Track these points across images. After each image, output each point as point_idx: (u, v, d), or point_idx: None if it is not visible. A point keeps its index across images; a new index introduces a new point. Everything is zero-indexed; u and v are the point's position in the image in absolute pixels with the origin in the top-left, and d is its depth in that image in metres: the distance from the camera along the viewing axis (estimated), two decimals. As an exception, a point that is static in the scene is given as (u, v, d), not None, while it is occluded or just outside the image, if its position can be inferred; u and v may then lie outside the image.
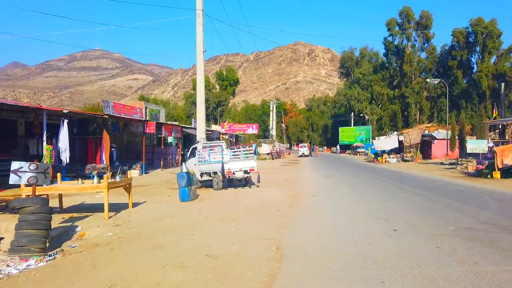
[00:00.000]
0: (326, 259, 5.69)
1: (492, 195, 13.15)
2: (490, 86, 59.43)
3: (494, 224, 8.00)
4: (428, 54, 70.00)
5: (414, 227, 7.89)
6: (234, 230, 8.01)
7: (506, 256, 5.55)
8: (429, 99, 70.49)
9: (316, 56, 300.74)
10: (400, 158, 40.44)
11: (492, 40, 60.75)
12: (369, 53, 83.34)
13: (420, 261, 5.36)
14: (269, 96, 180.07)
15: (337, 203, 11.79)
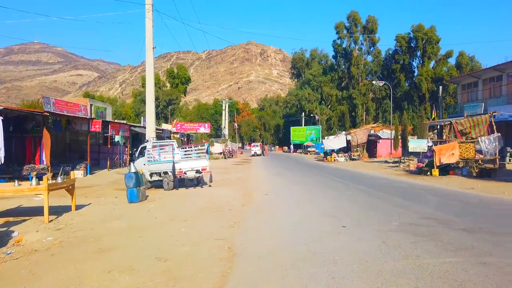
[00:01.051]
0: (278, 257, 5.70)
1: (431, 192, 14.00)
2: (429, 89, 63.51)
3: (434, 219, 8.49)
4: (374, 58, 73.44)
5: (361, 223, 8.16)
6: (185, 231, 7.81)
7: (446, 249, 5.89)
8: (375, 100, 73.95)
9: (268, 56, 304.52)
10: (348, 157, 41.98)
11: (431, 46, 64.94)
12: (319, 55, 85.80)
13: (368, 256, 5.53)
14: (221, 95, 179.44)
15: (289, 202, 11.93)
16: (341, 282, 4.46)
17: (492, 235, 6.88)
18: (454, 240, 6.46)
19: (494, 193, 13.25)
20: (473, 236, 6.82)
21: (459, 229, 7.38)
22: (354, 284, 4.40)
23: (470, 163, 20.99)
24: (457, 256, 5.44)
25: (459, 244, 6.17)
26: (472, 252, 5.68)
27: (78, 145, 26.74)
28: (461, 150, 20.80)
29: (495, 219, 8.64)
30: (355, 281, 4.48)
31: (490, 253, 5.59)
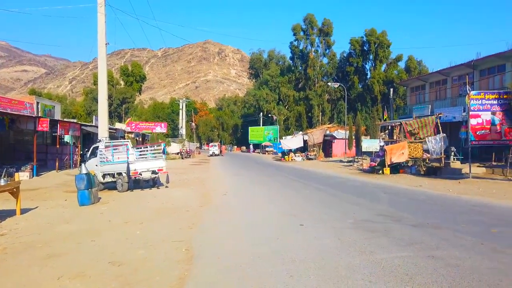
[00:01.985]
0: (237, 257, 5.67)
1: (384, 189, 14.60)
2: (381, 91, 66.30)
3: (386, 216, 8.84)
4: (329, 60, 75.51)
5: (319, 221, 8.33)
6: (140, 233, 7.56)
7: (397, 244, 6.14)
8: (330, 101, 76.05)
9: (226, 56, 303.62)
10: (305, 156, 42.82)
11: (383, 50, 67.87)
12: (277, 56, 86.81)
13: (325, 253, 5.64)
14: (178, 94, 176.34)
15: (247, 201, 11.94)
16: (299, 280, 4.51)
17: (439, 230, 7.28)
18: (405, 236, 6.76)
19: (440, 190, 14.06)
20: (422, 231, 7.18)
21: (409, 225, 7.74)
22: (311, 281, 4.46)
23: (418, 162, 22.14)
24: (408, 251, 5.70)
25: (409, 239, 6.47)
26: (421, 246, 5.97)
27: (24, 146, 25.12)
28: (410, 149, 21.88)
29: (441, 214, 9.16)
30: (312, 278, 4.55)
31: (438, 247, 5.90)
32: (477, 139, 17.60)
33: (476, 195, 12.44)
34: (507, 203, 10.65)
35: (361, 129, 38.50)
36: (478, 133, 17.53)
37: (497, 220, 8.10)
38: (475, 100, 17.49)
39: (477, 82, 29.27)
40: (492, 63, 28.04)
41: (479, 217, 8.57)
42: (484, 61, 28.32)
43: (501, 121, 17.39)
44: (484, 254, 5.46)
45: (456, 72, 31.90)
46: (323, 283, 4.39)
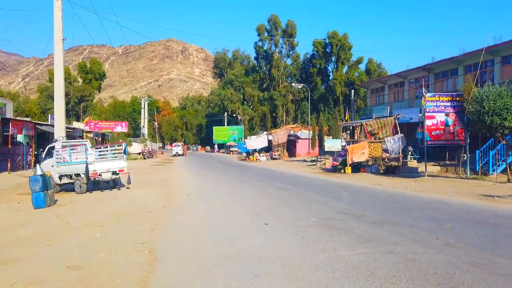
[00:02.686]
0: (202, 257, 5.60)
1: (345, 188, 14.99)
2: (343, 92, 68.08)
3: (348, 214, 9.08)
4: (293, 61, 76.55)
5: (282, 220, 8.41)
6: (101, 236, 7.30)
7: (358, 241, 6.32)
8: (294, 102, 77.12)
9: (190, 54, 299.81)
10: (269, 156, 43.15)
11: (344, 52, 69.71)
12: (241, 56, 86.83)
13: (289, 252, 5.71)
14: (140, 93, 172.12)
15: (212, 201, 11.85)
16: (264, 279, 4.53)
17: (397, 226, 7.57)
18: (366, 233, 6.96)
19: (398, 188, 14.63)
20: (382, 228, 7.44)
21: (370, 222, 7.99)
22: (276, 279, 4.49)
23: (378, 161, 22.93)
24: (368, 247, 5.87)
25: (370, 236, 6.68)
26: (381, 242, 6.18)
27: (-28, 145, 23.57)
28: (370, 149, 22.62)
29: (399, 211, 9.54)
30: (277, 276, 4.58)
31: (396, 243, 6.13)
32: (432, 139, 18.45)
33: (432, 193, 13.05)
34: (459, 199, 11.26)
35: (324, 129, 39.26)
36: (433, 134, 18.38)
37: (450, 216, 8.54)
38: (430, 102, 18.33)
39: (432, 84, 30.75)
40: (446, 67, 29.55)
41: (434, 213, 9.00)
42: (439, 65, 29.79)
43: (454, 122, 18.33)
44: (439, 249, 5.73)
45: (413, 75, 33.35)
46: (288, 280, 4.43)
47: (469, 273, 4.51)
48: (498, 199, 11.15)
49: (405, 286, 4.14)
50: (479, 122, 15.78)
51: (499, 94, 15.31)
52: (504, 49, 24.31)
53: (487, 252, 5.52)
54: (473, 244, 6.00)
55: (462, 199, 11.25)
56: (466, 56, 26.35)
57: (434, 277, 4.39)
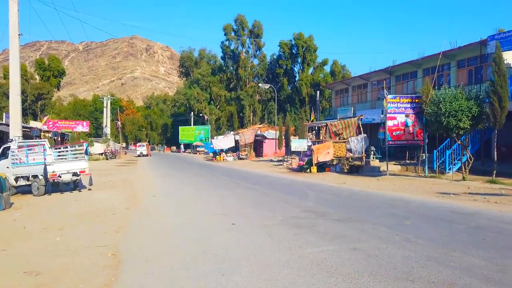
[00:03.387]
0: (167, 259, 5.53)
1: (311, 187, 15.26)
2: (308, 93, 69.22)
3: (313, 212, 9.26)
4: (260, 61, 76.94)
5: (249, 219, 8.45)
6: (61, 240, 7.02)
7: (323, 239, 6.47)
8: (261, 102, 77.52)
9: (155, 52, 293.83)
10: (236, 156, 43.14)
11: (310, 54, 70.91)
12: (208, 55, 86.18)
13: (256, 251, 5.74)
14: (102, 91, 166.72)
15: (178, 202, 11.70)
16: (230, 278, 4.54)
17: (360, 223, 7.81)
18: (330, 230, 7.13)
19: (361, 187, 15.07)
20: (345, 225, 7.64)
21: (334, 220, 8.18)
22: (242, 279, 4.51)
23: (342, 161, 23.52)
24: (333, 244, 6.02)
25: (334, 233, 6.84)
26: (345, 239, 6.35)
27: None
28: (335, 149, 23.16)
29: (362, 209, 9.84)
30: (243, 275, 4.60)
31: (359, 240, 6.32)
32: (393, 139, 19.14)
33: (393, 191, 13.55)
34: (418, 197, 11.77)
35: (290, 129, 39.68)
36: (394, 134, 19.07)
37: (409, 213, 8.91)
38: (391, 104, 19.01)
39: (394, 86, 31.91)
40: (406, 70, 30.75)
41: (395, 210, 9.36)
42: (399, 68, 30.97)
43: (413, 123, 19.11)
44: (399, 244, 5.97)
45: (375, 77, 34.46)
46: (254, 279, 4.46)
47: (426, 267, 4.74)
48: (454, 196, 11.75)
49: (366, 281, 4.28)
50: (437, 123, 16.54)
51: (454, 96, 16.12)
52: (459, 54, 25.63)
53: (443, 246, 5.81)
54: (430, 239, 6.29)
55: (420, 197, 11.76)
56: (425, 59, 27.58)
57: (394, 271, 4.57)
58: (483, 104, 15.88)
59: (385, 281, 4.27)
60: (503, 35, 20.86)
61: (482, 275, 4.42)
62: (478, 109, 15.70)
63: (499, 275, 4.40)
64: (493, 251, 5.48)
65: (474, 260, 5.05)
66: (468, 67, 25.44)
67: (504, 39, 20.62)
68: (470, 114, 15.57)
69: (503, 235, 6.62)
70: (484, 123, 16.29)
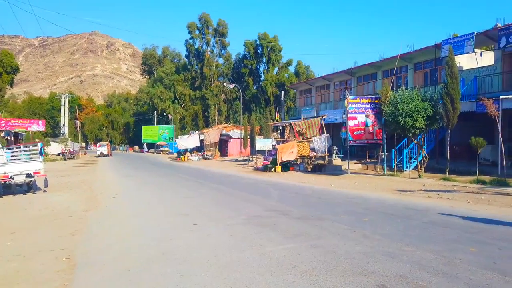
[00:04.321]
0: (126, 261, 5.39)
1: (274, 186, 15.41)
2: (273, 93, 69.76)
3: (276, 211, 9.35)
4: (225, 60, 76.65)
5: (212, 219, 8.41)
6: (12, 244, 6.67)
7: (284, 237, 6.55)
8: (226, 101, 77.26)
9: (116, 49, 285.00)
10: (201, 156, 42.78)
11: (275, 54, 71.49)
12: (172, 53, 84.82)
13: (217, 250, 5.73)
14: (60, 89, 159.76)
15: (139, 203, 11.43)
16: (190, 279, 4.50)
17: (320, 221, 7.98)
18: (292, 228, 7.24)
19: (323, 185, 15.40)
20: (306, 223, 7.78)
21: (296, 218, 8.31)
22: (202, 278, 4.49)
23: (306, 160, 23.92)
24: (294, 242, 6.11)
25: (295, 231, 6.95)
26: (305, 237, 6.47)
27: None
28: (299, 148, 23.52)
29: (323, 207, 10.06)
30: (203, 275, 4.58)
31: (319, 237, 6.46)
32: (354, 139, 19.70)
33: (353, 189, 13.95)
34: (377, 194, 12.19)
35: (255, 129, 39.92)
36: (355, 134, 19.63)
37: (368, 210, 9.21)
38: (352, 104, 19.56)
39: (355, 87, 32.83)
40: (367, 71, 31.73)
41: (354, 208, 9.64)
42: (360, 69, 31.90)
43: (373, 123, 19.76)
44: (356, 240, 6.16)
45: (338, 78, 35.29)
46: (214, 279, 4.45)
47: (380, 262, 4.92)
48: (410, 193, 12.28)
49: (323, 277, 4.39)
50: (394, 123, 17.20)
51: (411, 97, 16.82)
52: (416, 57, 26.77)
53: (397, 241, 6.06)
54: (386, 235, 6.54)
55: (379, 194, 12.19)
56: (384, 61, 28.58)
57: (350, 267, 4.72)
58: (437, 105, 16.69)
59: (341, 276, 4.40)
60: (456, 39, 22.03)
61: (432, 268, 4.65)
62: (433, 110, 16.48)
63: (446, 268, 4.65)
64: (442, 245, 5.78)
65: (425, 254, 5.30)
66: (424, 69, 26.64)
67: (456, 43, 21.77)
68: (425, 114, 16.31)
69: (452, 229, 6.99)
70: (438, 123, 17.12)
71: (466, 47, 21.23)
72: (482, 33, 20.93)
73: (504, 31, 19.47)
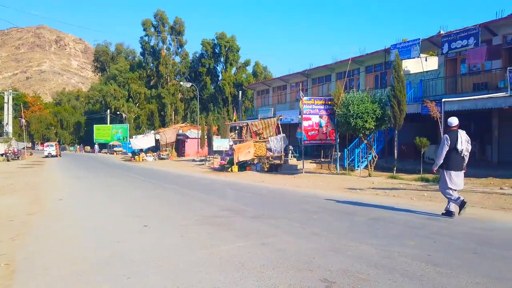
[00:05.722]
0: (70, 266, 5.19)
1: (231, 186, 15.47)
2: (231, 93, 69.83)
3: (231, 210, 9.39)
4: (182, 59, 75.61)
5: (165, 220, 8.30)
6: None
7: (237, 236, 6.61)
8: (183, 100, 76.22)
9: (66, 45, 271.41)
10: (156, 156, 41.93)
11: (233, 54, 71.58)
12: (126, 50, 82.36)
13: (167, 252, 5.67)
14: (3, 85, 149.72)
15: (88, 206, 11.01)
16: (137, 281, 4.43)
17: (273, 219, 8.13)
18: (245, 227, 7.31)
19: (279, 185, 15.67)
20: (260, 222, 7.90)
21: (249, 217, 8.40)
22: (150, 280, 4.43)
23: (263, 160, 24.19)
24: (245, 241, 6.19)
25: (247, 230, 7.03)
26: (257, 235, 6.56)
27: None
28: (256, 148, 23.74)
29: (277, 206, 10.25)
30: (151, 277, 4.52)
31: (270, 235, 6.58)
32: (308, 139, 20.21)
33: (307, 188, 14.32)
34: (329, 193, 12.60)
35: (213, 128, 39.75)
36: (309, 134, 20.14)
37: (319, 208, 9.50)
38: (307, 105, 20.05)
39: (310, 89, 33.63)
40: (321, 73, 32.61)
41: (306, 206, 9.91)
42: (315, 71, 32.73)
43: (326, 123, 20.38)
44: (306, 238, 6.35)
45: (294, 79, 35.99)
46: (161, 280, 4.42)
47: (326, 257, 5.11)
48: (360, 191, 12.81)
49: (270, 273, 4.49)
50: (346, 124, 17.86)
51: (361, 99, 17.55)
52: (367, 60, 27.90)
53: (343, 237, 6.32)
54: (333, 231, 6.80)
55: (331, 193, 12.61)
56: (337, 64, 29.54)
57: (297, 263, 4.86)
58: (386, 107, 17.53)
59: (287, 272, 4.52)
60: (403, 44, 23.25)
61: (372, 261, 4.90)
62: (381, 111, 17.29)
63: (385, 261, 4.92)
64: (384, 240, 6.11)
65: (368, 248, 5.57)
66: (375, 72, 27.85)
67: (404, 48, 22.97)
68: (374, 116, 17.08)
69: (395, 224, 7.40)
70: (386, 124, 18.00)
71: (413, 52, 22.49)
72: (427, 39, 22.28)
73: (446, 37, 20.84)
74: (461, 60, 21.74)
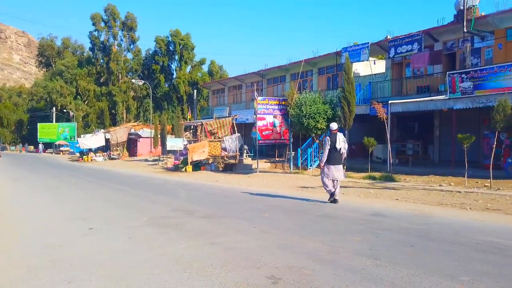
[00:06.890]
0: (5, 272, 4.85)
1: (184, 186, 15.25)
2: (186, 91, 68.75)
3: (182, 211, 9.26)
4: (134, 56, 73.29)
5: (111, 222, 8.00)
6: None
7: (186, 236, 6.52)
8: (136, 99, 73.94)
9: (7, 38, 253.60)
10: (107, 156, 40.40)
11: (188, 52, 70.49)
12: (73, 45, 78.49)
13: (113, 254, 5.47)
14: None
15: (28, 208, 10.35)
16: (78, 285, 4.24)
17: (225, 219, 8.13)
18: (195, 227, 7.24)
19: (232, 184, 15.69)
20: (211, 221, 7.86)
21: (201, 217, 8.33)
22: (92, 283, 4.26)
23: (218, 159, 24.08)
24: (195, 241, 6.12)
25: (198, 230, 6.97)
26: (207, 235, 6.52)
27: None
28: (211, 148, 23.58)
29: (229, 205, 10.25)
30: (94, 281, 4.34)
31: (221, 234, 6.57)
32: (263, 139, 20.40)
33: (260, 187, 14.45)
34: (281, 191, 12.80)
35: (166, 127, 38.86)
36: (264, 133, 20.33)
37: (269, 207, 9.62)
38: (261, 105, 20.22)
39: (266, 89, 33.97)
40: (276, 74, 33.05)
41: (258, 205, 10.00)
42: (270, 72, 33.11)
43: (280, 123, 20.68)
44: (255, 236, 6.41)
45: (249, 79, 36.18)
46: (105, 283, 4.26)
47: (274, 254, 5.19)
48: (311, 190, 13.14)
49: (218, 272, 4.49)
50: (299, 124, 18.25)
51: (313, 100, 18.01)
52: (319, 62, 28.66)
53: (294, 235, 6.45)
54: (282, 229, 6.92)
55: (283, 191, 12.82)
56: (291, 65, 30.08)
57: (245, 261, 4.89)
58: (336, 108, 18.12)
59: (235, 270, 4.54)
60: (354, 47, 24.14)
61: (318, 257, 5.05)
62: (332, 112, 17.85)
63: (330, 256, 5.09)
64: (330, 236, 6.32)
65: (315, 244, 5.73)
66: (327, 74, 28.68)
67: (354, 51, 23.85)
68: (326, 116, 17.60)
69: (341, 220, 7.69)
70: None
71: (362, 55, 23.42)
72: (376, 43, 23.31)
73: (393, 42, 21.91)
74: (406, 64, 22.98)
